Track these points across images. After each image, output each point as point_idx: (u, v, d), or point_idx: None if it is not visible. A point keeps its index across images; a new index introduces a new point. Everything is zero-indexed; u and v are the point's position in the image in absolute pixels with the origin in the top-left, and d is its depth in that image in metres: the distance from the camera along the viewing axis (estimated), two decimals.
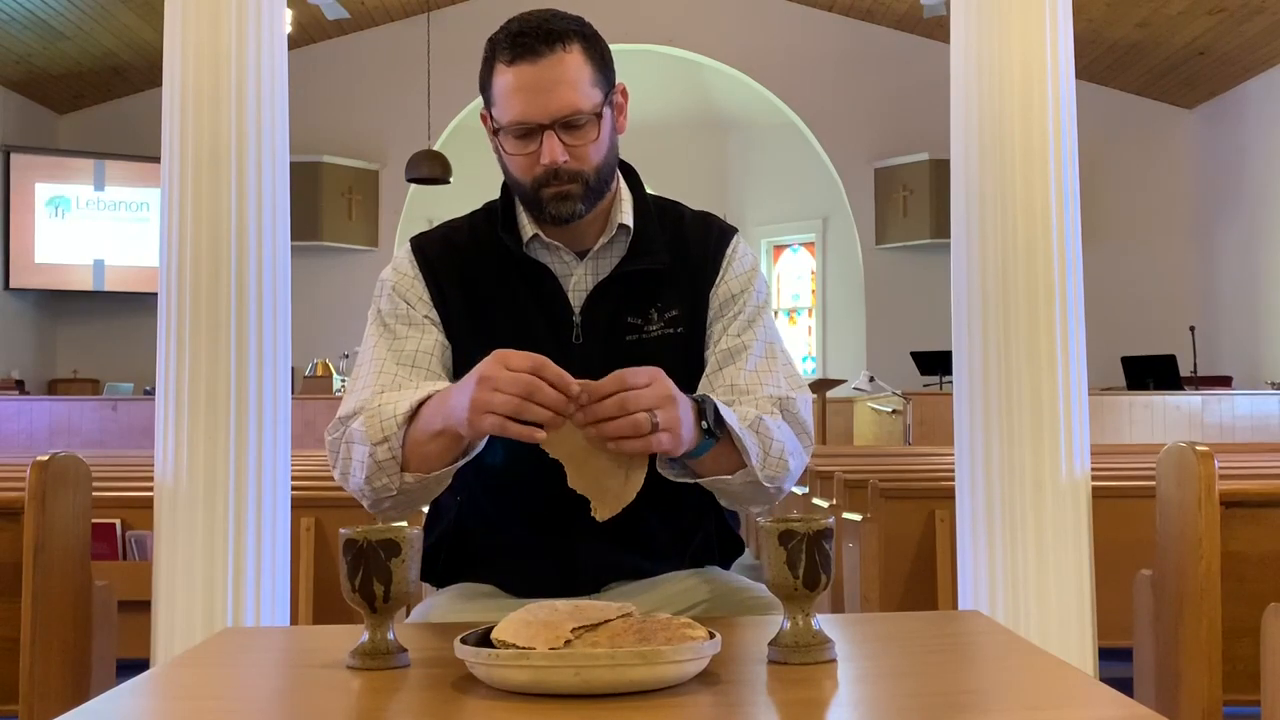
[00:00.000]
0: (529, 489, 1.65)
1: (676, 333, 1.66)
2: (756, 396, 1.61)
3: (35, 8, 9.41)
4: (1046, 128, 2.76)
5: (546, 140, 1.55)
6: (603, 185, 1.63)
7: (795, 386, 1.66)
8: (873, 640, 1.35)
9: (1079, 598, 2.68)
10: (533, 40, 1.54)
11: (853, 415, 10.34)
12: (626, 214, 1.67)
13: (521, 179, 1.60)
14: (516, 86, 1.55)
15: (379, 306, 1.69)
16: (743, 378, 1.63)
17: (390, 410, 1.52)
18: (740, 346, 1.65)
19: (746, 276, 1.71)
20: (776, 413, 1.60)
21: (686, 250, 1.70)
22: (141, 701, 1.14)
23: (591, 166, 1.59)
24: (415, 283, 1.67)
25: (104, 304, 11.36)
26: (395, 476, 1.52)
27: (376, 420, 1.52)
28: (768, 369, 1.65)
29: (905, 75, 11.32)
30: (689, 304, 1.68)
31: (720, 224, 1.77)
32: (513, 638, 1.08)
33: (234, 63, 2.71)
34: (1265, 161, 10.63)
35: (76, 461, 2.44)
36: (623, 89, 1.64)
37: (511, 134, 1.57)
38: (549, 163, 1.56)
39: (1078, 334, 2.78)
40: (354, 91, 11.51)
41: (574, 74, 1.55)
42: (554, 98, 1.54)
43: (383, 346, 1.64)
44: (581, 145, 1.57)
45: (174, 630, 2.63)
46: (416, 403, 1.51)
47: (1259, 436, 8.66)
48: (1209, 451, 2.30)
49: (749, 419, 1.55)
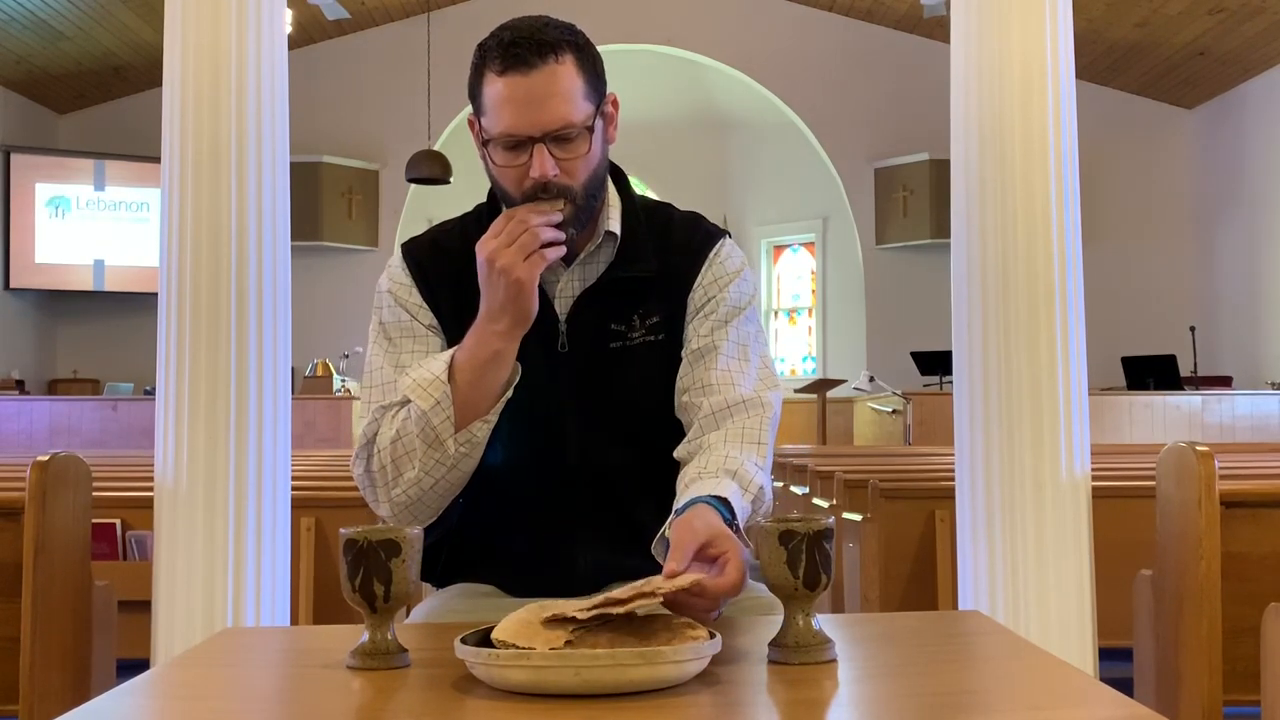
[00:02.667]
0: (529, 490, 1.66)
1: (658, 339, 1.65)
2: (726, 396, 1.60)
3: (35, 8, 9.41)
4: (1046, 128, 2.76)
5: (536, 154, 1.53)
6: (591, 203, 1.61)
7: (768, 386, 1.65)
8: (873, 640, 1.35)
9: (1079, 598, 2.68)
10: (525, 51, 1.52)
11: (853, 415, 10.35)
12: (614, 220, 1.66)
13: (510, 191, 1.59)
14: (507, 98, 1.53)
15: (380, 318, 1.70)
16: (713, 376, 1.62)
17: (427, 376, 1.53)
18: (710, 346, 1.64)
19: (726, 278, 1.68)
20: (744, 455, 1.55)
21: (671, 256, 1.68)
22: (141, 701, 1.14)
23: (580, 182, 1.57)
24: (411, 291, 1.67)
25: (104, 304, 11.36)
26: (449, 445, 1.52)
27: (420, 389, 1.53)
28: (740, 369, 1.64)
29: (905, 75, 11.33)
30: (669, 310, 1.67)
31: (708, 227, 1.74)
32: (513, 638, 1.08)
33: (234, 63, 2.71)
34: (1265, 161, 10.64)
35: (76, 461, 2.44)
36: (614, 99, 1.62)
37: (501, 145, 1.55)
38: (539, 176, 1.54)
39: (1078, 334, 2.78)
40: (354, 91, 11.52)
41: (566, 86, 1.53)
42: (545, 111, 1.52)
43: (389, 367, 1.65)
44: (572, 159, 1.55)
45: (174, 630, 2.64)
46: (447, 362, 1.53)
47: (1259, 436, 8.66)
48: (1209, 451, 2.30)
49: (745, 484, 1.51)
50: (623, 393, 1.65)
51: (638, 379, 1.65)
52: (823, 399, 9.39)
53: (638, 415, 1.66)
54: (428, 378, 1.53)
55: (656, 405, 1.67)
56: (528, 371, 1.60)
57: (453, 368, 1.53)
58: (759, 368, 1.67)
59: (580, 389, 1.64)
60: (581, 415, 1.64)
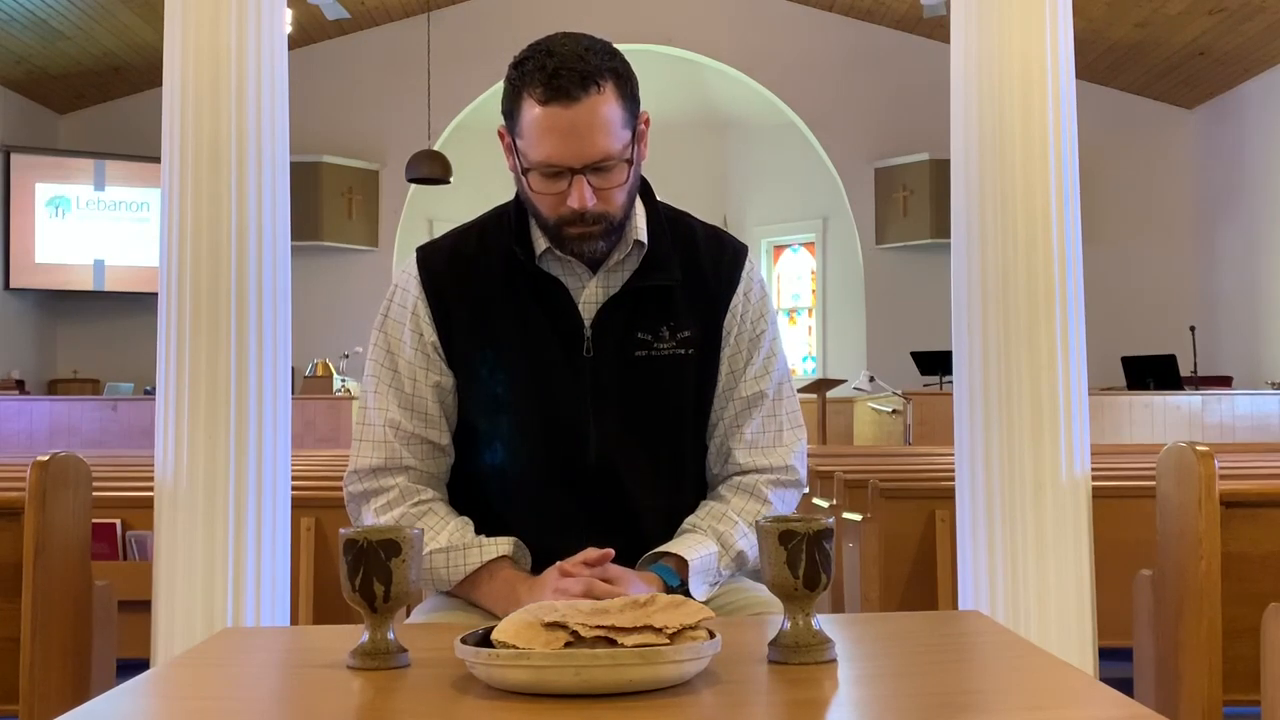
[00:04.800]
0: (544, 491, 1.68)
1: (688, 354, 1.68)
2: (759, 465, 1.73)
3: (35, 8, 9.41)
4: (1046, 128, 2.76)
5: (576, 185, 1.55)
6: (625, 220, 1.64)
7: (793, 425, 1.77)
8: (873, 640, 1.35)
9: (1079, 598, 2.68)
10: (567, 83, 1.51)
11: (853, 415, 10.35)
12: (641, 229, 1.68)
13: (546, 215, 1.60)
14: (549, 128, 1.53)
15: (387, 314, 1.72)
16: (753, 436, 1.74)
17: (455, 574, 1.65)
18: (758, 396, 1.73)
19: (762, 303, 1.75)
20: (742, 516, 1.71)
21: (700, 269, 1.71)
22: (141, 701, 1.14)
23: (618, 206, 1.60)
24: (420, 304, 1.69)
25: (104, 304, 11.36)
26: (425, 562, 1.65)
27: (440, 575, 1.65)
28: (775, 425, 1.74)
29: (905, 75, 11.32)
30: (701, 325, 1.69)
31: (733, 243, 1.78)
32: (513, 638, 1.08)
33: (234, 63, 2.71)
34: (1265, 161, 10.63)
35: (77, 461, 2.43)
36: (645, 117, 1.63)
37: (540, 173, 1.56)
38: (579, 207, 1.56)
39: (1078, 334, 2.78)
40: (354, 91, 11.51)
41: (607, 118, 1.54)
42: (587, 144, 1.53)
43: (386, 389, 1.70)
44: (611, 188, 1.57)
45: (174, 630, 2.63)
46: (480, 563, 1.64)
47: (1259, 436, 8.66)
48: (1209, 451, 2.30)
49: (727, 546, 1.67)
50: (645, 400, 1.67)
51: (661, 389, 1.68)
52: (823, 399, 9.39)
53: (657, 423, 1.69)
54: (444, 577, 1.65)
55: (676, 415, 1.70)
56: (552, 375, 1.64)
57: (470, 576, 1.64)
58: (789, 406, 1.77)
59: (603, 395, 1.66)
60: (603, 420, 1.66)
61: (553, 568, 1.58)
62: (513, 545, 1.64)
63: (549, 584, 1.56)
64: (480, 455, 1.71)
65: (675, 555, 1.63)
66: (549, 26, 1.75)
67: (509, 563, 1.64)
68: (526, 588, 1.58)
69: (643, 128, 1.62)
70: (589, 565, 1.55)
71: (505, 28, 10.45)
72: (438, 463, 1.72)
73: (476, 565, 1.62)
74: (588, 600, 1.21)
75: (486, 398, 1.67)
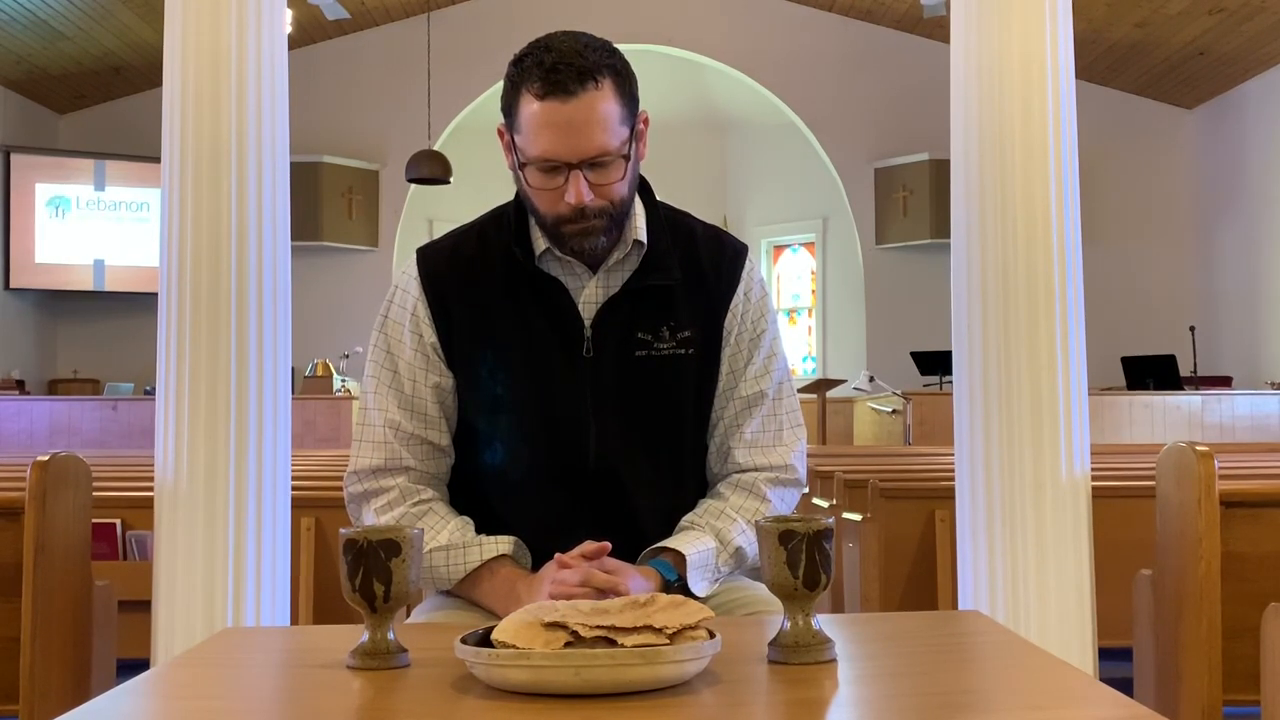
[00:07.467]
0: (544, 489, 1.68)
1: (688, 354, 1.68)
2: (755, 458, 1.73)
3: (35, 8, 9.41)
4: (1046, 128, 2.76)
5: (573, 180, 1.55)
6: (623, 216, 1.64)
7: (793, 425, 1.77)
8: (873, 640, 1.35)
9: (1079, 598, 2.68)
10: (565, 77, 1.52)
11: (853, 415, 10.35)
12: (640, 229, 1.68)
13: (544, 212, 1.60)
14: (546, 123, 1.53)
15: (387, 315, 1.73)
16: (753, 435, 1.74)
17: (456, 573, 1.65)
18: (759, 395, 1.73)
19: (762, 303, 1.75)
20: (741, 514, 1.71)
21: (700, 269, 1.71)
22: (141, 701, 1.14)
23: (616, 200, 1.60)
24: (420, 305, 1.70)
25: (104, 304, 11.36)
26: (425, 559, 1.65)
27: (440, 574, 1.66)
28: (775, 425, 1.75)
29: (905, 75, 11.32)
30: (702, 325, 1.70)
31: (733, 242, 1.78)
32: (512, 638, 1.08)
33: (234, 63, 2.71)
34: (1265, 161, 10.63)
35: (77, 461, 2.44)
36: (644, 117, 1.63)
37: (537, 168, 1.57)
38: (575, 203, 1.56)
39: (1078, 334, 2.78)
40: (354, 91, 11.51)
41: (604, 114, 1.54)
42: (584, 139, 1.53)
43: (386, 390, 1.71)
44: (608, 184, 1.57)
45: (174, 630, 2.63)
46: (480, 561, 1.64)
47: (1259, 436, 8.66)
48: (1209, 451, 2.30)
49: (725, 542, 1.68)
50: (645, 400, 1.68)
51: (662, 388, 1.68)
52: (823, 399, 9.39)
53: (657, 423, 1.69)
54: (444, 576, 1.65)
55: (676, 415, 1.70)
56: (552, 376, 1.64)
57: (470, 575, 1.64)
58: (789, 405, 1.77)
59: (603, 395, 1.66)
60: (603, 420, 1.66)
61: (551, 561, 1.58)
62: (513, 544, 1.64)
63: (547, 577, 1.56)
64: (480, 455, 1.71)
65: (672, 550, 1.63)
66: (549, 26, 1.75)
67: (509, 561, 1.64)
68: (526, 585, 1.59)
69: (642, 127, 1.63)
70: (587, 558, 1.55)
71: (505, 28, 10.46)
72: (438, 463, 1.72)
73: (477, 564, 1.63)
74: (587, 600, 1.21)
75: (486, 398, 1.68)
